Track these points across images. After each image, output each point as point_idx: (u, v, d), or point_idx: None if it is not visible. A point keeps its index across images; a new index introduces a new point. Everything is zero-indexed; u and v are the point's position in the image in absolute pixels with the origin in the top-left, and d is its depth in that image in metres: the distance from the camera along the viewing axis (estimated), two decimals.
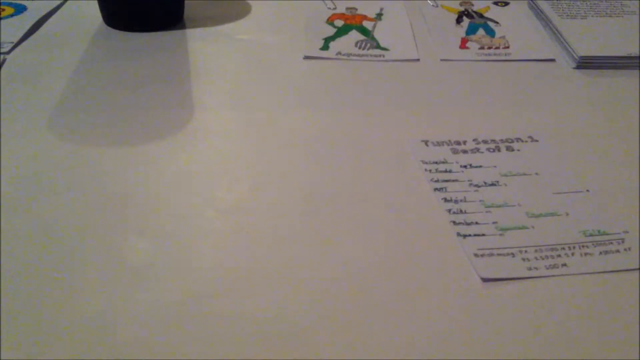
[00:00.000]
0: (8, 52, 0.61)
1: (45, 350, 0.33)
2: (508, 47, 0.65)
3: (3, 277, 0.37)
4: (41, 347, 0.33)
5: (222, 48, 0.64)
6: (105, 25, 0.67)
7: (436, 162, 0.47)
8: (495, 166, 0.47)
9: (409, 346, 0.33)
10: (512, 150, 0.49)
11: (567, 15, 0.69)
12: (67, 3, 0.73)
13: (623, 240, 0.40)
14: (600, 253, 0.39)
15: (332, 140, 0.50)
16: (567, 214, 0.42)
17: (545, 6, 0.72)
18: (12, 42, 0.63)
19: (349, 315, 0.35)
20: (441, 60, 0.63)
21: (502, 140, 0.50)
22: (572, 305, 0.36)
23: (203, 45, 0.65)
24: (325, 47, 0.64)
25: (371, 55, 0.63)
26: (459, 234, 0.40)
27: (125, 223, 0.41)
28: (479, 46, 0.66)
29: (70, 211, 0.42)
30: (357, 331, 0.34)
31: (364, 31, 0.68)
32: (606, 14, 0.70)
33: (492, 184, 0.45)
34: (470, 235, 0.40)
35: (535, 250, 0.39)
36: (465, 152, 0.48)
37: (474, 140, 0.50)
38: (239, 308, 0.35)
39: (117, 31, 0.66)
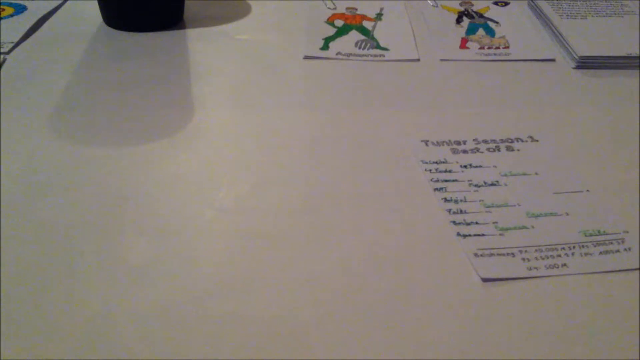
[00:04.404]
0: (8, 52, 0.61)
1: (45, 350, 0.33)
2: (508, 47, 0.65)
3: (3, 277, 0.37)
4: (41, 347, 0.33)
5: (222, 48, 0.64)
6: (105, 25, 0.67)
7: (436, 162, 0.47)
8: (495, 166, 0.47)
9: (409, 346, 0.33)
10: (512, 150, 0.49)
11: (567, 15, 0.70)
12: (67, 3, 0.73)
13: (623, 240, 0.40)
14: (600, 253, 0.39)
15: (332, 140, 0.50)
16: (567, 214, 0.42)
17: (545, 6, 0.72)
18: (12, 42, 0.63)
19: (349, 315, 0.35)
20: (441, 60, 0.63)
21: (502, 140, 0.50)
22: (572, 305, 0.36)
23: (203, 45, 0.65)
24: (325, 47, 0.64)
25: (371, 55, 0.63)
26: (459, 234, 0.40)
27: (125, 223, 0.41)
28: (479, 46, 0.66)
29: (70, 211, 0.42)
30: (357, 331, 0.34)
31: (364, 31, 0.68)
32: (606, 14, 0.70)
33: (492, 184, 0.45)
34: (470, 235, 0.40)
35: (535, 250, 0.39)
36: (465, 152, 0.48)
37: (474, 140, 0.50)
38: (239, 308, 0.35)
39: (117, 31, 0.66)
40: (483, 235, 0.40)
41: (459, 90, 0.58)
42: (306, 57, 0.62)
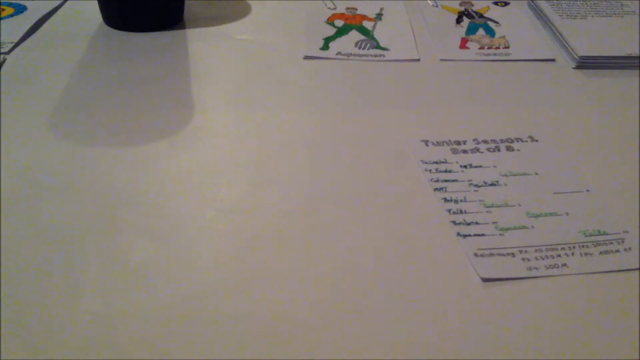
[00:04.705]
0: (8, 52, 0.61)
1: (45, 350, 0.33)
2: (508, 47, 0.65)
3: (3, 277, 0.37)
4: (41, 347, 0.33)
5: (222, 48, 0.64)
6: (105, 25, 0.67)
7: (436, 162, 0.47)
8: (495, 166, 0.47)
9: (409, 346, 0.33)
10: (512, 150, 0.49)
11: (567, 15, 0.70)
12: (67, 3, 0.73)
13: (623, 240, 0.40)
14: (600, 253, 0.39)
15: (332, 140, 0.50)
16: (567, 214, 0.42)
17: (545, 6, 0.72)
18: (12, 42, 0.63)
19: (349, 315, 0.35)
20: (441, 60, 0.63)
21: (502, 140, 0.50)
22: (572, 305, 0.36)
23: (203, 45, 0.65)
24: (325, 47, 0.64)
25: (371, 55, 0.63)
26: (459, 234, 0.40)
27: (125, 223, 0.41)
28: (479, 46, 0.66)
29: (70, 211, 0.42)
30: (357, 331, 0.34)
31: (364, 31, 0.68)
32: (606, 14, 0.70)
33: (492, 184, 0.45)
34: (470, 235, 0.40)
35: (535, 250, 0.39)
36: (465, 152, 0.48)
37: (474, 140, 0.50)
38: (239, 308, 0.35)
39: (117, 31, 0.66)
40: (483, 235, 0.40)
41: (459, 90, 0.58)
42: (306, 57, 0.62)
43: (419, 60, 0.63)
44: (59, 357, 0.32)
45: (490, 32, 0.68)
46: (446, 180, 0.45)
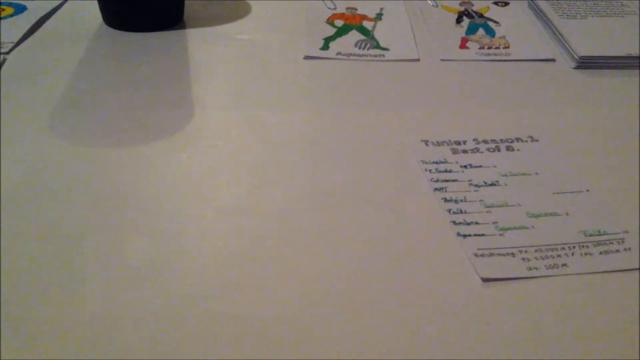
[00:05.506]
0: (8, 52, 0.61)
1: (45, 350, 0.33)
2: (508, 47, 0.65)
3: (3, 277, 0.37)
4: (41, 347, 0.33)
5: (222, 48, 0.64)
6: (105, 25, 0.67)
7: (436, 162, 0.47)
8: (495, 166, 0.47)
9: (409, 346, 0.33)
10: (512, 150, 0.49)
11: (567, 15, 0.69)
12: (67, 3, 0.73)
13: (623, 240, 0.40)
14: (600, 253, 0.39)
15: (332, 140, 0.50)
16: (567, 214, 0.42)
17: (545, 6, 0.72)
18: (12, 42, 0.63)
19: (349, 315, 0.35)
20: (441, 60, 0.63)
21: (502, 140, 0.50)
22: (572, 305, 0.36)
23: (203, 45, 0.65)
24: (325, 47, 0.64)
25: (371, 55, 0.63)
26: (459, 234, 0.40)
27: (125, 223, 0.41)
28: (479, 46, 0.66)
29: (70, 211, 0.42)
30: (357, 331, 0.34)
31: (364, 31, 0.68)
32: (606, 14, 0.70)
33: (492, 184, 0.45)
34: (470, 235, 0.40)
35: (535, 250, 0.39)
36: (465, 152, 0.48)
37: (474, 140, 0.50)
38: (239, 308, 0.35)
39: (117, 31, 0.66)
40: (483, 235, 0.40)
41: (459, 90, 0.58)
42: (306, 57, 0.62)
43: (419, 60, 0.63)
44: (59, 357, 0.32)
45: (490, 32, 0.68)
46: (446, 180, 0.45)
